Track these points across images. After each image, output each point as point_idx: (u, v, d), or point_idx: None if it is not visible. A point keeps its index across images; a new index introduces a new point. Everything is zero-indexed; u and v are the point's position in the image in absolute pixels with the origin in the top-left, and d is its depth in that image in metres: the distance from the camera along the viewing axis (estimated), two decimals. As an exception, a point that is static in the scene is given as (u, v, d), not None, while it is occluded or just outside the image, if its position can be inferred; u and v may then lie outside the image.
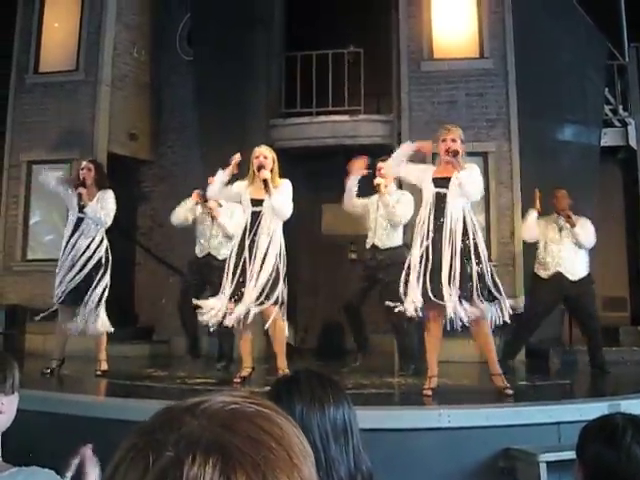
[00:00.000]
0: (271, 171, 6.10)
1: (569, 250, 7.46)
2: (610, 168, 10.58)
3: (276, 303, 5.93)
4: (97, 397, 5.94)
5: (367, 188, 7.42)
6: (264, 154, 6.16)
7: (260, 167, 6.06)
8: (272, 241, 6.04)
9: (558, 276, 7.41)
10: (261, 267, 5.93)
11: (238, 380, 6.07)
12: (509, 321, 5.57)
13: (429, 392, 5.51)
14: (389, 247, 7.27)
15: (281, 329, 6.09)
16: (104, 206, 6.90)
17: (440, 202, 5.59)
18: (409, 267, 5.60)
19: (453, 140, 5.67)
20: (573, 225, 7.40)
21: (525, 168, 9.11)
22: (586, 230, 7.49)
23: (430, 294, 5.39)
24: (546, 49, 9.68)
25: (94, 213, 6.86)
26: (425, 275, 5.46)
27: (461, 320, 5.36)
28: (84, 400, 5.33)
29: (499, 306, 5.49)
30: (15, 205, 10.23)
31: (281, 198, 6.07)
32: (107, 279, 6.91)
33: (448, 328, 5.43)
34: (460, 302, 5.35)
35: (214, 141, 9.63)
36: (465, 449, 4.45)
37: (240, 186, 6.25)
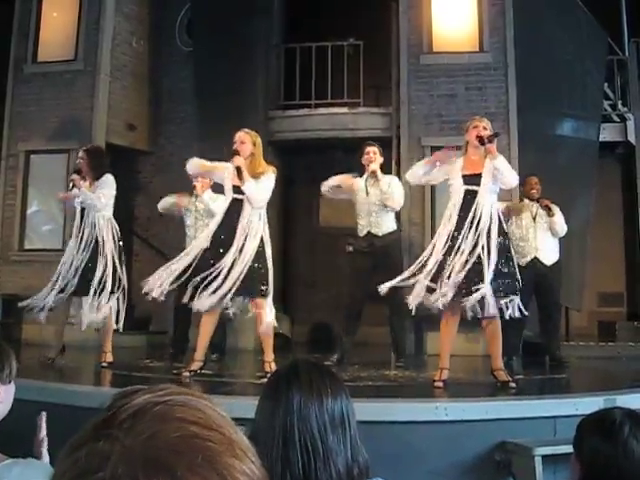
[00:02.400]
0: (252, 155, 5.85)
1: (543, 236, 7.52)
2: (609, 163, 10.59)
3: (262, 296, 5.82)
4: (94, 387, 5.93)
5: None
6: (241, 139, 5.87)
7: (234, 153, 5.80)
8: (251, 232, 5.80)
9: (533, 261, 7.48)
10: (241, 258, 5.72)
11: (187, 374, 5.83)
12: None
13: (440, 384, 5.52)
14: (385, 233, 7.20)
15: (266, 322, 5.88)
16: (98, 189, 6.76)
17: (470, 199, 5.56)
18: (429, 261, 5.53)
19: (484, 128, 5.64)
20: (552, 215, 7.47)
21: (524, 162, 9.09)
22: (561, 219, 7.57)
23: (469, 288, 5.37)
24: (546, 43, 9.68)
25: (86, 197, 6.71)
26: (452, 269, 5.40)
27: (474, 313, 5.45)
28: (81, 390, 5.32)
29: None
30: (13, 195, 10.22)
31: (255, 187, 5.79)
32: (111, 269, 6.81)
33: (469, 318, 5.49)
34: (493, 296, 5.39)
35: (212, 132, 9.61)
36: (461, 442, 4.46)
37: (227, 169, 5.94)
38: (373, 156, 7.15)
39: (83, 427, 0.67)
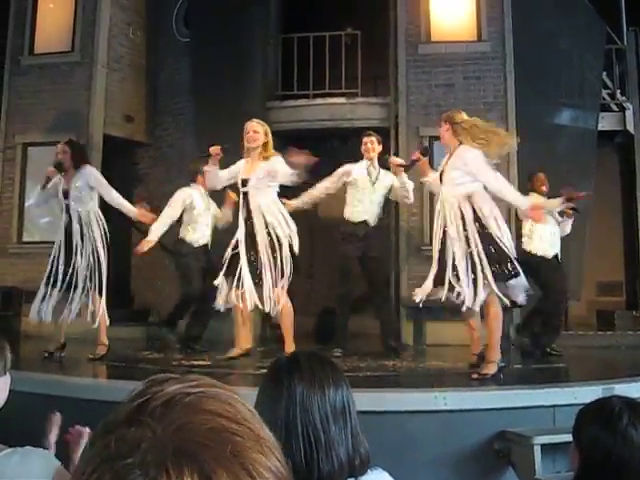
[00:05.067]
0: (265, 145, 6.15)
1: (551, 228, 7.56)
2: (607, 152, 10.57)
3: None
4: (93, 379, 5.95)
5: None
6: (254, 129, 6.16)
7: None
8: (267, 219, 6.07)
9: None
10: (265, 249, 6.00)
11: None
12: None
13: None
14: (376, 225, 7.34)
15: (288, 313, 6.16)
16: (96, 185, 6.68)
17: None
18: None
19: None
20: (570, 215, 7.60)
21: (522, 152, 9.08)
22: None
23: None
24: (544, 33, 9.65)
25: (78, 193, 6.66)
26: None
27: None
28: (80, 382, 5.34)
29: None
30: (11, 187, 10.20)
31: (278, 164, 6.09)
32: (104, 264, 6.78)
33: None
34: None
35: (210, 123, 9.59)
36: (461, 431, 4.47)
37: (239, 165, 6.27)
38: (370, 146, 7.24)
39: (115, 411, 0.68)
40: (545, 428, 4.42)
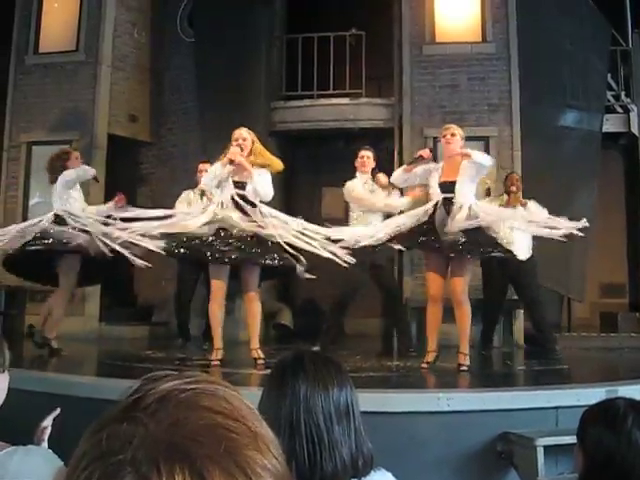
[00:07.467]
0: (250, 152, 5.99)
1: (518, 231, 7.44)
2: (611, 154, 10.56)
3: None
4: (95, 378, 5.94)
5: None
6: (243, 136, 6.03)
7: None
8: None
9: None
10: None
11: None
12: None
13: (425, 365, 5.92)
14: None
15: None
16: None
17: (447, 206, 5.88)
18: None
19: (452, 135, 5.95)
20: (525, 204, 7.37)
21: (526, 153, 9.08)
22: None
23: None
24: (549, 34, 9.64)
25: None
26: None
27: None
28: (81, 381, 5.33)
29: None
30: (15, 186, 10.20)
31: (261, 180, 6.01)
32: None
33: None
34: None
35: (214, 123, 9.59)
36: (463, 433, 4.46)
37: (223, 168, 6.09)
38: (367, 160, 7.13)
39: (110, 409, 0.67)
40: (548, 430, 4.41)
